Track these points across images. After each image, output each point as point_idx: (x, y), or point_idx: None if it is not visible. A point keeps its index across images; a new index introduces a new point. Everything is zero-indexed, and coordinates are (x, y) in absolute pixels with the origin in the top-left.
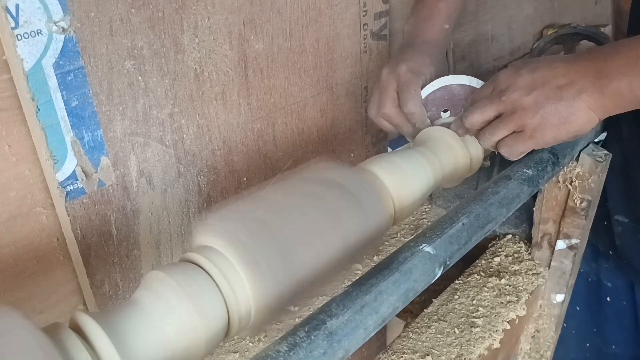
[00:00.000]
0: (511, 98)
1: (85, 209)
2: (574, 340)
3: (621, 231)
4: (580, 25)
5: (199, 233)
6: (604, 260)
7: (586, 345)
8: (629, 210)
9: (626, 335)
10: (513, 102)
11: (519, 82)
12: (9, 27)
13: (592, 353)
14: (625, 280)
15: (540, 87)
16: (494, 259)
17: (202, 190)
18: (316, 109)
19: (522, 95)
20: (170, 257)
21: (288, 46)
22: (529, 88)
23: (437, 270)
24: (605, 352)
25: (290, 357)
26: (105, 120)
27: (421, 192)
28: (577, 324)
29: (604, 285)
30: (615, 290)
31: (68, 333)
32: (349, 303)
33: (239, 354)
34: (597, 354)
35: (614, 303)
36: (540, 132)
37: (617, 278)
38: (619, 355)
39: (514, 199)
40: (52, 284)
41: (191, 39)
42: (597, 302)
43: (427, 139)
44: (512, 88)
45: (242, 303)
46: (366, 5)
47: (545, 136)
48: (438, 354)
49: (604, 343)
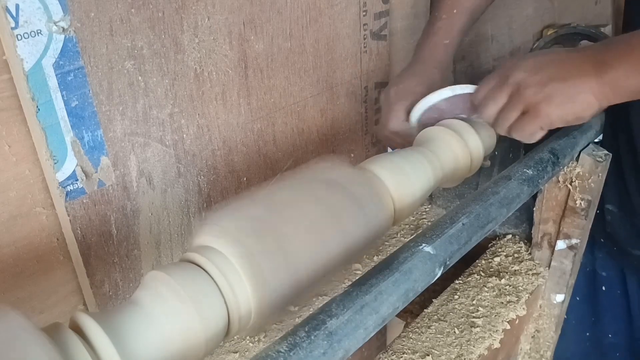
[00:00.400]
0: (517, 78)
1: (85, 209)
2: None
3: (611, 219)
4: (580, 25)
5: (199, 233)
6: (599, 250)
7: (586, 335)
8: (618, 201)
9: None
10: (519, 81)
11: (523, 65)
12: (9, 27)
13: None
14: (618, 268)
15: (545, 68)
16: (494, 259)
17: (202, 190)
18: (316, 109)
19: (527, 76)
20: (170, 257)
21: (288, 46)
22: (534, 69)
23: (437, 270)
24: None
25: (290, 357)
26: (105, 120)
27: (421, 192)
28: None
29: (599, 275)
30: (609, 279)
31: (68, 333)
32: (349, 303)
33: (239, 354)
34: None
35: (609, 292)
36: (545, 109)
37: (611, 268)
38: (615, 345)
39: (514, 199)
40: (52, 284)
41: (191, 39)
42: (593, 292)
43: (427, 139)
44: (517, 69)
45: (242, 303)
46: (366, 5)
47: (550, 114)
48: (438, 354)
49: (601, 333)
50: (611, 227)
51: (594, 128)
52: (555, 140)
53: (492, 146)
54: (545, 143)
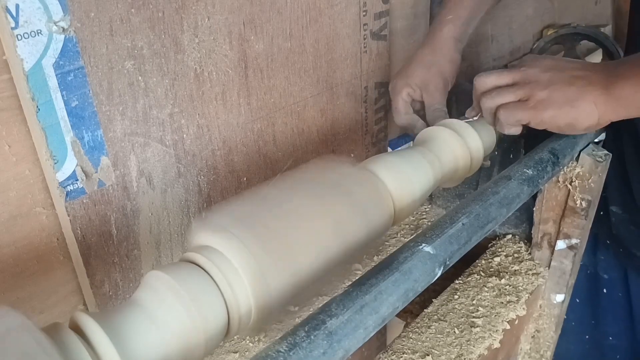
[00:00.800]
0: (530, 72)
1: (85, 209)
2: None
3: (615, 221)
4: (580, 25)
5: (198, 232)
6: (601, 252)
7: (586, 338)
8: (623, 202)
9: (622, 326)
10: (530, 75)
11: (540, 62)
12: (9, 27)
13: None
14: (621, 271)
15: (558, 71)
16: (494, 259)
17: (202, 190)
18: (316, 109)
19: (539, 72)
20: (170, 257)
21: (288, 46)
22: (548, 69)
23: (437, 270)
24: (603, 344)
25: (290, 357)
26: (105, 120)
27: (421, 192)
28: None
29: (600, 278)
30: (611, 282)
31: (68, 333)
32: (349, 303)
33: (239, 354)
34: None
35: (610, 295)
36: (543, 105)
37: (613, 270)
38: (615, 347)
39: (514, 199)
40: (52, 284)
41: (191, 39)
42: (595, 294)
43: (427, 138)
44: (534, 65)
45: (242, 303)
46: (366, 5)
47: (545, 111)
48: (438, 354)
49: (601, 335)
50: (616, 228)
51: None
52: (555, 140)
53: (492, 146)
54: (545, 143)
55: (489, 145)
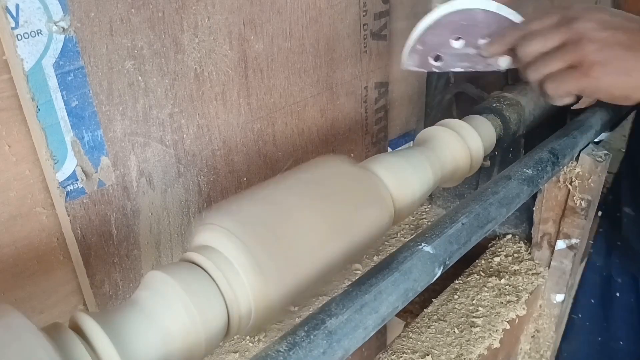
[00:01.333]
0: (582, 27)
1: (85, 209)
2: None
3: (626, 222)
4: None
5: (198, 232)
6: (616, 255)
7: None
8: (635, 203)
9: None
10: (582, 32)
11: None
12: (9, 27)
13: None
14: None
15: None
16: (493, 259)
17: (202, 190)
18: (316, 109)
19: (594, 29)
20: (170, 257)
21: (288, 46)
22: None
23: (436, 270)
24: (613, 347)
25: (290, 356)
26: (105, 120)
27: (421, 192)
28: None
29: (614, 281)
30: (624, 286)
31: (68, 333)
32: (349, 303)
33: (239, 354)
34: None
35: (623, 299)
36: (598, 71)
37: (626, 274)
38: (625, 351)
39: (514, 199)
40: (52, 284)
41: (191, 39)
42: (608, 297)
43: (427, 138)
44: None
45: (242, 303)
46: (366, 5)
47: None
48: (438, 354)
49: (612, 338)
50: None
51: (594, 128)
52: (555, 140)
53: (492, 146)
54: (545, 143)
55: (489, 145)
